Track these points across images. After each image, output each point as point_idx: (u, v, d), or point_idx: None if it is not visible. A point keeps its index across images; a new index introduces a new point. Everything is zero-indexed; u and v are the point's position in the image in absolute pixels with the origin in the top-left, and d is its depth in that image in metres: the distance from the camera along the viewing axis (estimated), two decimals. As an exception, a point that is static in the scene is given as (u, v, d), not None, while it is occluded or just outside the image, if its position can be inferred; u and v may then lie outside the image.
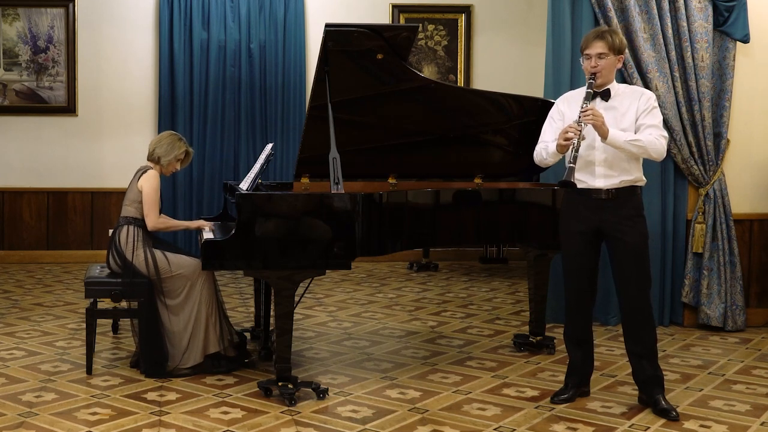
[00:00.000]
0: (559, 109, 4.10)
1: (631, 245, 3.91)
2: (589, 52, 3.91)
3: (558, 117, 4.08)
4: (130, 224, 4.56)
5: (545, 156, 4.06)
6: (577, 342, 4.14)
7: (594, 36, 3.94)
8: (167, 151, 4.66)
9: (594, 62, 3.89)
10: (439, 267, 8.28)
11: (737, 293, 5.66)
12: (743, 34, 5.60)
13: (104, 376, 4.49)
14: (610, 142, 3.82)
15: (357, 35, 4.35)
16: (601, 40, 3.90)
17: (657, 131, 3.90)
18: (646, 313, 3.97)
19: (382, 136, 4.97)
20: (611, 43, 3.90)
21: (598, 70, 3.89)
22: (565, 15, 5.69)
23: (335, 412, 3.97)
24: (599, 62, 3.89)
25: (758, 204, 5.81)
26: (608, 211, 3.93)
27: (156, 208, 4.56)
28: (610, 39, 3.90)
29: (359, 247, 4.11)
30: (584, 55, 3.93)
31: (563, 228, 4.13)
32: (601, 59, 3.88)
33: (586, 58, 3.93)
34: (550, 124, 4.12)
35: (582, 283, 4.06)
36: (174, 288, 4.49)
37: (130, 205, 4.59)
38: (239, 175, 8.07)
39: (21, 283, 7.30)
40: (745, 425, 3.83)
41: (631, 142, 3.83)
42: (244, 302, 6.57)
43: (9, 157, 8.39)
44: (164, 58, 8.28)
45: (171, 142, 4.69)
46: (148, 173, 4.59)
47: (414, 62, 8.47)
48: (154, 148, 4.68)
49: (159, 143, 4.68)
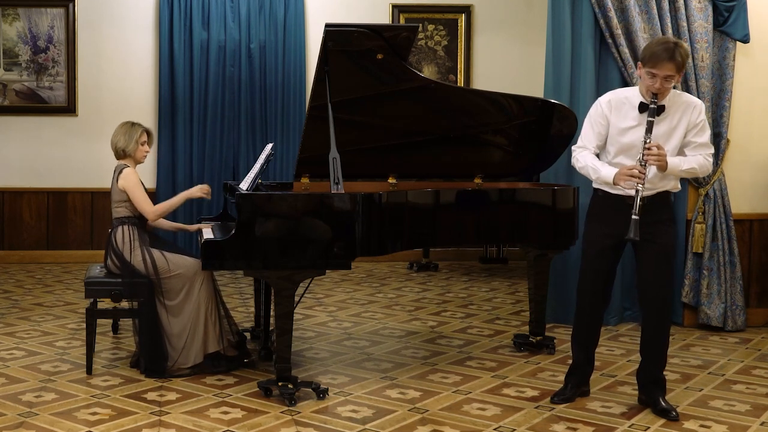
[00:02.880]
0: (604, 114, 3.91)
1: (662, 249, 3.86)
2: (657, 72, 3.68)
3: (602, 122, 3.91)
4: (124, 224, 4.55)
5: (593, 176, 3.91)
6: (585, 345, 4.14)
7: (666, 56, 3.66)
8: (126, 140, 4.62)
9: (659, 84, 3.70)
10: (439, 267, 8.28)
11: (737, 293, 5.67)
12: (743, 34, 5.60)
13: (104, 376, 4.49)
14: (668, 173, 3.77)
15: (357, 35, 4.35)
16: (671, 62, 3.66)
17: (706, 150, 3.85)
18: (667, 318, 3.96)
19: (382, 136, 4.97)
20: (680, 64, 3.68)
21: (662, 92, 3.73)
22: (565, 15, 5.69)
23: (335, 412, 3.97)
24: (665, 85, 3.70)
25: (758, 204, 5.81)
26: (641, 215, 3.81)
27: (147, 201, 4.54)
28: (680, 60, 3.68)
29: (359, 247, 4.11)
30: (649, 72, 3.70)
31: (590, 230, 4.05)
32: (667, 81, 3.70)
33: (650, 76, 3.70)
34: (591, 127, 3.95)
35: (597, 286, 4.02)
36: (173, 288, 4.48)
37: (119, 206, 4.58)
38: (239, 175, 8.07)
39: (21, 283, 7.30)
40: (745, 425, 3.83)
41: (687, 170, 3.81)
42: (244, 302, 6.57)
43: (9, 157, 8.39)
44: (164, 58, 8.28)
45: (125, 131, 4.65)
46: (123, 173, 4.56)
47: (414, 62, 8.47)
48: (115, 144, 4.64)
49: (116, 137, 4.64)
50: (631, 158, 3.83)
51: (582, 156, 3.97)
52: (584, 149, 3.98)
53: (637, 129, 3.83)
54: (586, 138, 3.98)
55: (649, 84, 3.74)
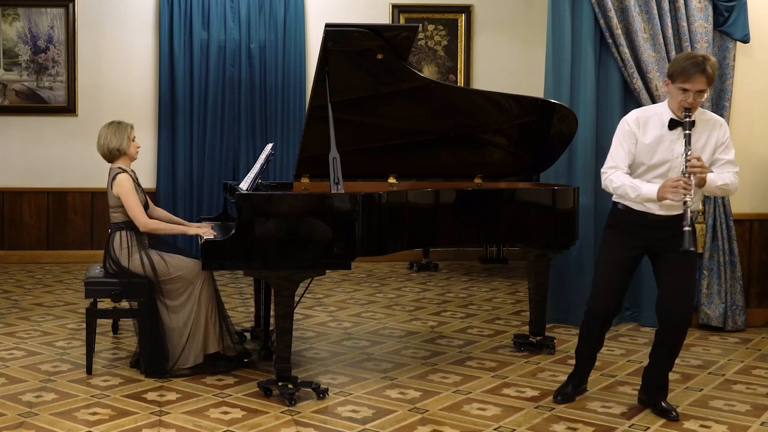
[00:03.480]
0: (632, 131, 3.84)
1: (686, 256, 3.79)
2: (689, 87, 3.65)
3: (632, 140, 3.84)
4: (121, 229, 4.53)
5: (632, 196, 3.79)
6: (591, 351, 4.15)
7: (696, 70, 3.64)
8: (119, 138, 4.57)
9: (692, 99, 3.66)
10: (439, 267, 8.28)
11: (737, 293, 5.67)
12: (743, 34, 5.60)
13: (104, 376, 4.49)
14: (704, 188, 3.75)
15: (357, 35, 4.35)
16: (703, 75, 3.63)
17: (733, 168, 3.84)
18: (686, 327, 3.91)
19: (382, 136, 4.97)
20: (711, 78, 3.67)
21: (695, 107, 3.71)
22: (565, 15, 5.69)
23: (335, 412, 3.97)
24: (698, 99, 3.68)
25: (758, 204, 5.82)
26: (662, 231, 3.83)
27: (140, 210, 4.47)
28: (711, 73, 3.66)
29: (359, 247, 4.11)
30: (680, 87, 3.67)
31: (608, 241, 4.01)
32: (700, 96, 3.68)
33: (681, 91, 3.67)
34: (621, 145, 3.87)
35: (608, 296, 3.98)
36: (173, 289, 4.48)
37: (115, 211, 4.54)
38: (239, 175, 8.07)
39: (21, 283, 7.30)
40: (745, 425, 3.83)
41: (721, 187, 3.78)
42: (244, 302, 6.57)
43: (9, 157, 8.39)
44: (164, 58, 8.28)
45: (114, 130, 4.59)
46: (117, 179, 4.49)
47: (414, 62, 8.47)
48: (107, 146, 4.57)
49: (106, 139, 4.57)
50: (661, 177, 3.79)
51: (616, 176, 3.86)
52: (616, 169, 3.88)
53: (666, 146, 3.79)
54: (618, 157, 3.87)
55: (681, 99, 3.69)
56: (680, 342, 3.95)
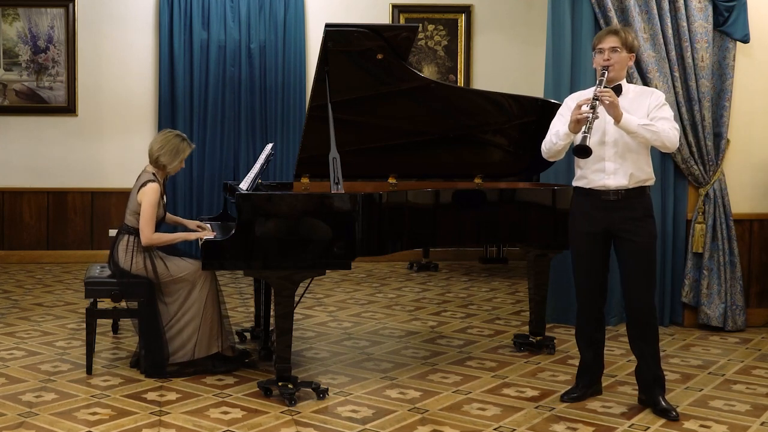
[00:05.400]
0: (568, 105, 4.08)
1: (640, 245, 3.91)
2: (602, 46, 3.93)
3: (566, 112, 4.03)
4: (130, 234, 4.52)
5: (555, 140, 3.99)
6: (589, 342, 4.16)
7: (607, 32, 3.98)
8: (172, 158, 4.52)
9: (607, 56, 3.91)
10: (439, 267, 8.28)
11: (737, 293, 5.67)
12: (743, 34, 5.60)
13: (104, 376, 4.49)
14: (623, 125, 3.79)
15: (357, 35, 4.35)
16: (614, 35, 3.93)
17: (669, 123, 3.89)
18: (651, 313, 3.98)
19: (382, 136, 4.97)
20: (624, 39, 3.93)
21: (611, 63, 3.90)
22: (565, 15, 5.69)
23: (335, 412, 3.97)
24: (612, 56, 3.90)
25: (758, 204, 5.81)
26: (618, 211, 3.93)
27: (151, 225, 4.43)
28: (624, 35, 3.94)
29: (359, 247, 4.11)
30: (597, 50, 3.96)
31: (572, 228, 4.14)
32: (614, 53, 3.90)
33: (598, 53, 3.95)
34: (558, 119, 4.10)
35: (591, 283, 4.07)
36: (174, 290, 4.48)
37: (131, 215, 4.52)
38: (239, 175, 8.07)
39: (21, 283, 7.30)
40: (745, 425, 3.83)
41: (645, 126, 3.81)
42: (244, 302, 6.57)
43: (9, 157, 8.39)
44: (164, 58, 8.28)
45: (175, 148, 4.52)
46: (147, 187, 4.44)
47: (414, 62, 8.46)
48: (158, 156, 4.50)
49: (162, 149, 4.50)
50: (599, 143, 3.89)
51: (546, 138, 4.09)
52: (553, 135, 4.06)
53: None
54: (554, 127, 4.08)
55: (598, 60, 3.95)
56: (651, 329, 3.98)
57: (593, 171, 3.95)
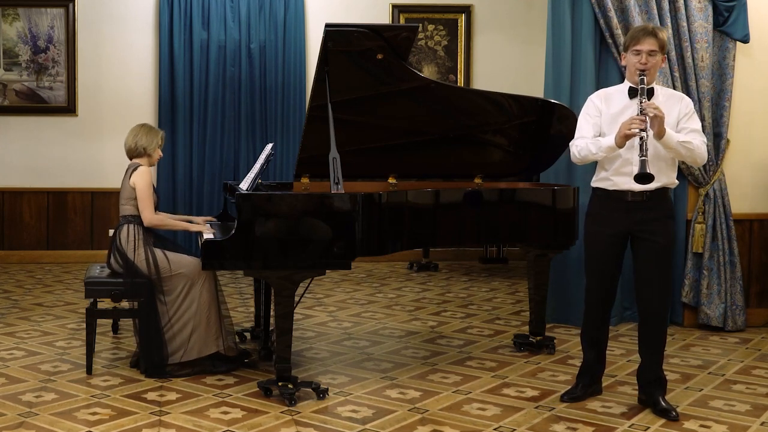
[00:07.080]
0: (596, 105, 4.02)
1: (661, 247, 3.89)
2: (640, 48, 3.83)
3: (595, 113, 4.00)
4: (130, 223, 4.55)
5: (594, 150, 3.89)
6: (594, 342, 4.15)
7: (646, 32, 3.86)
8: (149, 139, 4.66)
9: (645, 59, 3.82)
10: (439, 267, 8.28)
11: (737, 293, 5.67)
12: (743, 34, 5.60)
13: (104, 376, 4.49)
14: (665, 141, 3.77)
15: (357, 35, 4.35)
16: (653, 37, 3.84)
17: (700, 136, 3.88)
18: (664, 316, 3.98)
19: (382, 136, 4.97)
20: (662, 41, 3.86)
21: (648, 68, 3.82)
22: (565, 15, 5.69)
23: (335, 412, 3.97)
24: (649, 59, 3.82)
25: (758, 204, 5.81)
26: (639, 212, 3.89)
27: (150, 204, 4.53)
28: (661, 37, 3.86)
29: (359, 247, 4.11)
30: (633, 50, 3.86)
31: (590, 229, 4.08)
32: (652, 56, 3.83)
33: (634, 54, 3.85)
34: (586, 120, 4.03)
35: (604, 284, 4.05)
36: (174, 287, 4.48)
37: (127, 203, 4.57)
38: (239, 175, 8.07)
39: (21, 283, 7.30)
40: (745, 425, 3.83)
41: (683, 143, 3.80)
42: (244, 302, 6.57)
43: (9, 157, 8.39)
44: (164, 58, 8.28)
45: (147, 131, 4.69)
46: (139, 170, 4.56)
47: (414, 62, 8.46)
48: (136, 142, 4.65)
49: (136, 137, 4.65)
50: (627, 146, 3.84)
51: (579, 142, 4.01)
52: (581, 139, 4.01)
53: (628, 114, 3.86)
54: (583, 129, 4.02)
55: (634, 61, 3.86)
56: (661, 334, 3.98)
57: (620, 174, 3.91)
